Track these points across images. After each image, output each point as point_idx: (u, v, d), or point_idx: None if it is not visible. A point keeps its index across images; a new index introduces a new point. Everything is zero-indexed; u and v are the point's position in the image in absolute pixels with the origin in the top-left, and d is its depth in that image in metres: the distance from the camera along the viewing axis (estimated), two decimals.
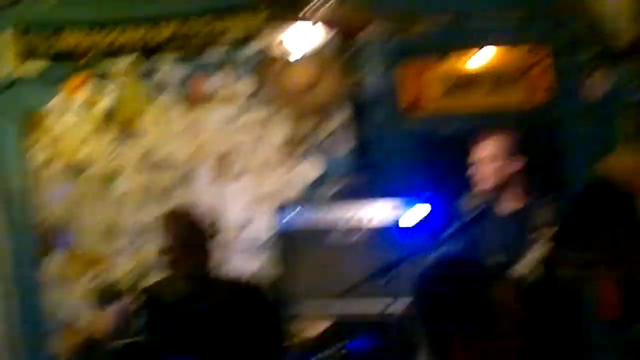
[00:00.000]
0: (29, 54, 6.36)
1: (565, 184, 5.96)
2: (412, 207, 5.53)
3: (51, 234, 6.46)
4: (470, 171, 4.91)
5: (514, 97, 6.39)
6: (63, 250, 6.47)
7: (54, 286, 6.46)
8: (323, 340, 5.14)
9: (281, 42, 5.29)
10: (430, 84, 6.50)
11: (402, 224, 5.53)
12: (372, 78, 6.35)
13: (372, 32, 6.17)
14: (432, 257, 4.32)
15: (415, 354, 4.63)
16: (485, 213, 4.85)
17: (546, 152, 6.18)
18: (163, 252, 3.69)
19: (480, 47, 6.37)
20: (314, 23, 5.10)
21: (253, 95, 6.37)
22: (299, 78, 6.23)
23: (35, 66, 6.40)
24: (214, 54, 6.38)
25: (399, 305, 4.73)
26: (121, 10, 6.36)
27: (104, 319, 5.30)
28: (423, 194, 5.69)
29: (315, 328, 5.27)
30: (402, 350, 5.23)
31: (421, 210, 5.52)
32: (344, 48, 6.26)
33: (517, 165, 4.84)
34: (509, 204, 4.88)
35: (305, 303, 5.72)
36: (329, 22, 5.46)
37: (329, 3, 4.90)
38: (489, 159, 4.83)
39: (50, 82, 6.43)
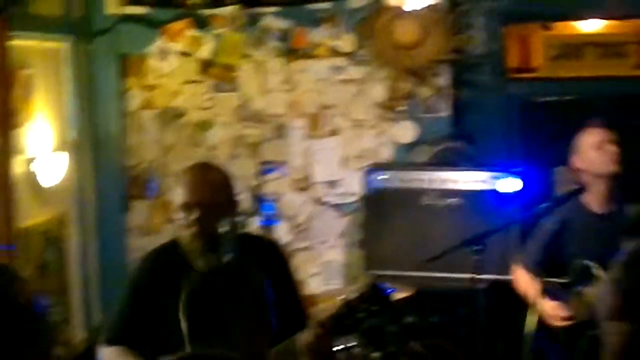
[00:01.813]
0: None
1: None
2: (508, 174, 5.39)
3: (140, 180, 6.43)
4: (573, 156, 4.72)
5: (622, 68, 6.21)
6: (151, 197, 6.44)
7: (139, 233, 6.44)
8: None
9: None
10: (537, 49, 6.35)
11: (497, 192, 5.40)
12: (477, 41, 6.18)
13: None
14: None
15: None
16: (579, 190, 4.69)
17: None
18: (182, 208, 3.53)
19: (592, 16, 6.17)
20: None
21: (354, 51, 6.23)
22: (404, 36, 6.06)
23: (136, 10, 6.36)
24: (317, 6, 6.25)
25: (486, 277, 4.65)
26: None
27: None
28: (520, 162, 5.55)
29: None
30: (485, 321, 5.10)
31: (517, 178, 5.38)
32: (451, 8, 6.08)
33: (617, 161, 4.65)
34: (603, 204, 4.70)
35: (389, 267, 5.63)
36: None
37: None
38: (605, 142, 4.66)
39: (151, 26, 6.38)
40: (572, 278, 4.60)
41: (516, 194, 5.37)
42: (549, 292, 4.65)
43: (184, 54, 6.38)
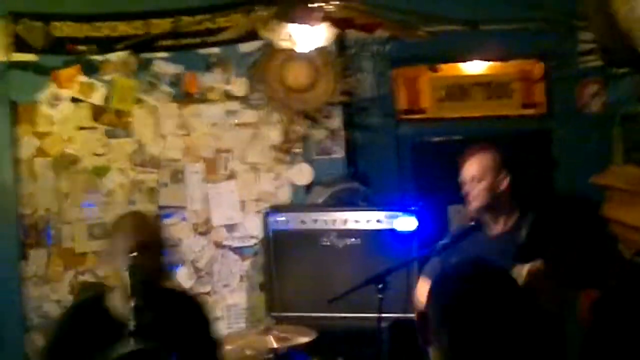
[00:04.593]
0: (19, 44, 6.27)
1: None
2: (404, 213, 5.50)
3: (36, 228, 6.36)
4: (462, 189, 4.83)
5: (508, 107, 6.41)
6: (48, 245, 6.36)
7: (36, 282, 6.35)
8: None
9: (279, 41, 5.24)
10: (425, 91, 6.51)
11: (394, 230, 5.50)
12: (366, 83, 6.32)
13: (371, 36, 6.15)
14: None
15: None
16: (476, 227, 4.79)
17: (539, 163, 6.20)
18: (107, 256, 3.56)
19: (478, 57, 6.37)
20: (314, 23, 5.04)
21: (247, 95, 6.32)
22: (295, 79, 6.19)
23: (25, 57, 6.30)
24: (208, 51, 6.32)
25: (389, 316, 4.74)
26: (114, 5, 6.29)
27: None
28: (415, 201, 5.67)
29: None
30: None
31: (413, 217, 5.49)
32: (341, 51, 6.23)
33: (503, 183, 4.77)
34: (496, 225, 4.82)
35: (292, 309, 5.68)
36: (329, 21, 5.41)
37: (331, 4, 4.83)
38: (475, 178, 4.76)
39: (41, 73, 6.33)
40: None
41: (413, 232, 5.47)
42: None
43: (76, 100, 6.35)
